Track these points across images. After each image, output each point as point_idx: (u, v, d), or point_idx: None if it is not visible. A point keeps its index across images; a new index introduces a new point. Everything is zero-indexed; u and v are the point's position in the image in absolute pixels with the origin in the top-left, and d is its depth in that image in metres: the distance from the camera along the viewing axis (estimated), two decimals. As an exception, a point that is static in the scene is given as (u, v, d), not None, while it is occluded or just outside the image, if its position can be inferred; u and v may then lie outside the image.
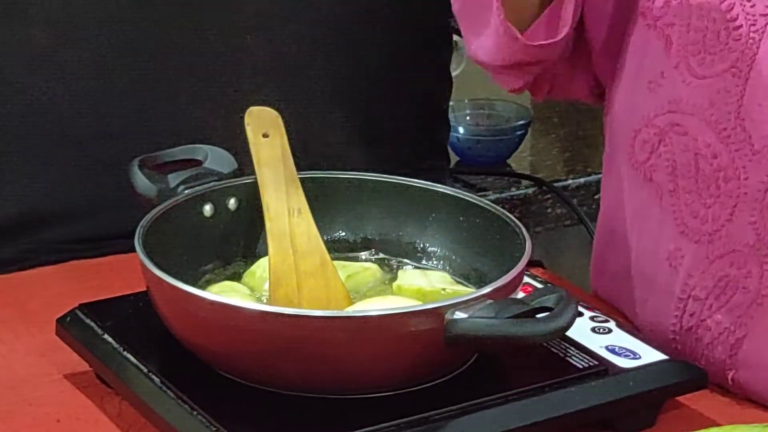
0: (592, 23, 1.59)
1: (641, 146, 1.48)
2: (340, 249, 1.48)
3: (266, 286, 1.41)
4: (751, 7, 1.41)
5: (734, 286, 1.43)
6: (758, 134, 1.39)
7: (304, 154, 1.47)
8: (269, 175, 1.43)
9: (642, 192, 1.51)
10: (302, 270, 1.39)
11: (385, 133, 1.86)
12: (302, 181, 1.45)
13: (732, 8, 1.42)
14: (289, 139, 1.46)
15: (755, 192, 1.40)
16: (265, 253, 1.44)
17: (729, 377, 1.45)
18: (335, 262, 1.44)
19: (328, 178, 1.51)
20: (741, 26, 1.41)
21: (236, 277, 1.46)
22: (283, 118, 1.47)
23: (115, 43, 1.72)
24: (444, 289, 1.41)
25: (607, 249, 1.61)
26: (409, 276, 1.45)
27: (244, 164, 1.49)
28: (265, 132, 1.45)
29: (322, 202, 1.48)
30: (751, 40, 1.41)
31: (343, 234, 1.50)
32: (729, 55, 1.41)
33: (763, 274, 1.41)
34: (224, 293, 1.37)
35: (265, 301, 1.40)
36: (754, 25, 1.41)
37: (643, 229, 1.52)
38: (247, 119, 1.45)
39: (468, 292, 1.38)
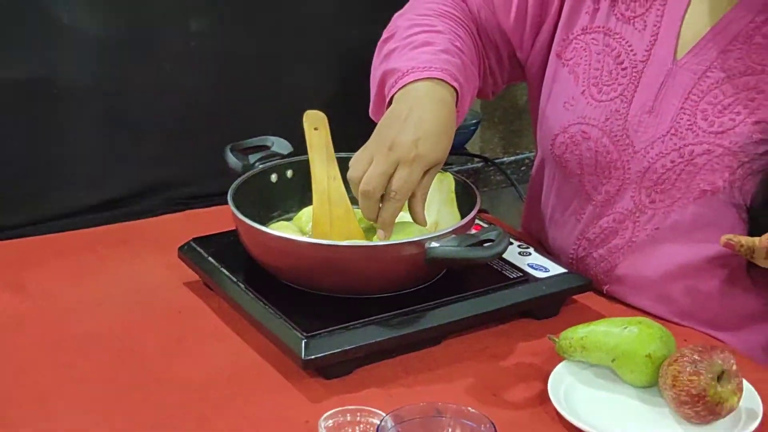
0: (529, 62, 1.53)
1: (559, 146, 1.44)
2: (357, 202, 1.45)
3: (309, 227, 1.39)
4: (633, 55, 1.39)
5: (614, 234, 1.41)
6: (638, 140, 1.37)
7: (342, 141, 1.44)
8: (317, 155, 1.40)
9: (558, 173, 1.48)
10: (334, 215, 1.37)
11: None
12: (338, 158, 1.42)
13: (620, 55, 1.39)
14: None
15: (635, 177, 1.38)
16: (308, 205, 1.41)
17: (604, 289, 1.43)
18: (355, 210, 1.41)
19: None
20: (626, 67, 1.39)
21: (289, 220, 1.44)
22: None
23: (218, 64, 1.70)
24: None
25: (533, 205, 1.58)
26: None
27: (298, 148, 1.46)
28: (316, 126, 1.41)
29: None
30: (633, 77, 1.38)
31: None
32: (617, 86, 1.39)
33: (635, 228, 1.39)
34: (282, 230, 1.34)
35: (309, 235, 1.37)
36: (635, 67, 1.39)
37: (558, 195, 1.49)
38: (304, 118, 1.41)
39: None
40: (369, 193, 1.26)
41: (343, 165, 1.42)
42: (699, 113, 1.33)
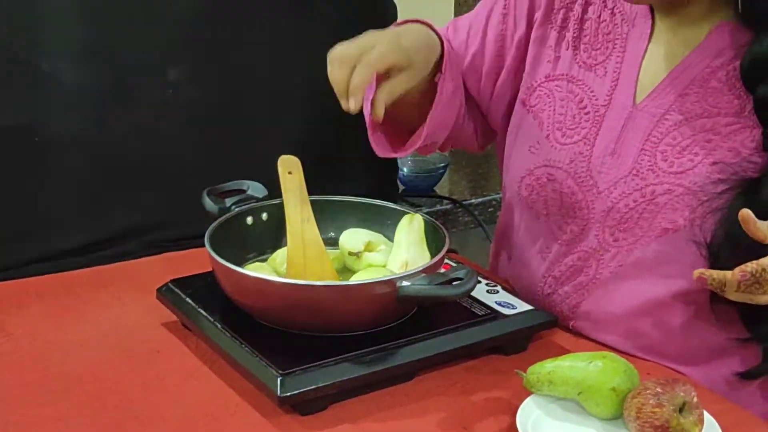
0: (491, 110, 1.56)
1: (525, 188, 1.46)
2: (330, 243, 1.45)
3: (283, 267, 1.39)
4: (595, 100, 1.41)
5: (579, 272, 1.42)
6: (601, 180, 1.39)
7: (315, 184, 1.45)
8: (291, 198, 1.41)
9: (525, 214, 1.49)
10: (308, 256, 1.37)
11: (361, 174, 1.84)
12: (311, 201, 1.43)
13: (582, 100, 1.41)
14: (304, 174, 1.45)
15: (598, 216, 1.39)
16: (282, 246, 1.42)
17: (570, 325, 1.44)
18: (328, 250, 1.41)
19: (325, 200, 1.48)
20: (589, 112, 1.41)
21: (264, 261, 1.44)
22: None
23: (195, 111, 1.70)
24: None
25: (501, 245, 1.59)
26: (374, 257, 1.43)
27: (273, 192, 1.46)
28: (290, 170, 1.42)
29: (321, 214, 1.45)
30: (596, 120, 1.40)
31: (332, 234, 1.47)
32: (581, 130, 1.41)
33: (598, 265, 1.40)
34: (258, 271, 1.34)
35: (284, 276, 1.37)
36: (597, 111, 1.41)
37: (525, 235, 1.50)
38: (279, 163, 1.42)
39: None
40: (345, 56, 1.25)
41: (316, 207, 1.43)
42: (659, 154, 1.34)
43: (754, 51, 1.29)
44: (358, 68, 1.25)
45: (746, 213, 1.15)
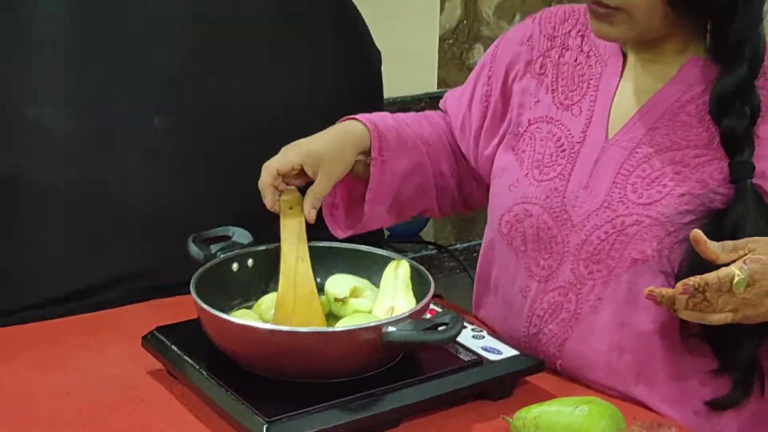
0: (480, 165, 1.58)
1: (505, 224, 1.47)
2: (318, 290, 1.44)
3: (269, 313, 1.38)
4: (571, 138, 1.43)
5: (560, 308, 1.42)
6: (575, 214, 1.40)
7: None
8: (288, 235, 1.40)
9: (505, 251, 1.49)
10: (298, 296, 1.37)
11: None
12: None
13: (560, 139, 1.44)
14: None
15: (573, 249, 1.40)
16: (268, 292, 1.41)
17: (558, 365, 1.43)
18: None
19: (311, 246, 1.45)
20: (565, 149, 1.43)
21: (250, 308, 1.43)
22: None
23: (180, 159, 1.70)
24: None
25: (482, 287, 1.59)
26: (360, 302, 1.42)
27: (258, 238, 1.46)
28: (291, 206, 1.42)
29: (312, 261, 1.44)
30: (570, 157, 1.43)
31: (318, 280, 1.44)
32: (557, 167, 1.43)
33: (578, 300, 1.40)
34: (243, 317, 1.34)
35: (270, 322, 1.36)
36: (573, 148, 1.43)
37: (505, 274, 1.51)
38: (282, 196, 1.42)
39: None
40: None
41: (314, 252, 1.42)
42: (629, 186, 1.37)
43: (721, 85, 1.33)
44: (262, 172, 1.42)
45: (697, 233, 1.19)
